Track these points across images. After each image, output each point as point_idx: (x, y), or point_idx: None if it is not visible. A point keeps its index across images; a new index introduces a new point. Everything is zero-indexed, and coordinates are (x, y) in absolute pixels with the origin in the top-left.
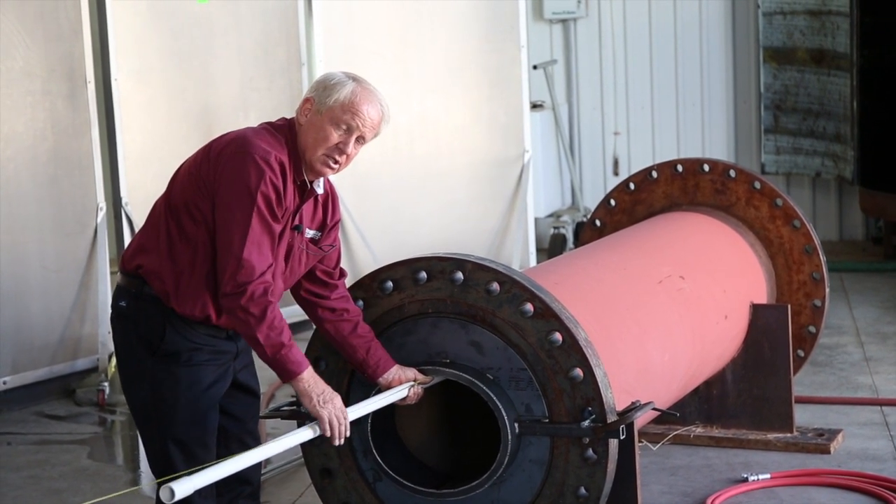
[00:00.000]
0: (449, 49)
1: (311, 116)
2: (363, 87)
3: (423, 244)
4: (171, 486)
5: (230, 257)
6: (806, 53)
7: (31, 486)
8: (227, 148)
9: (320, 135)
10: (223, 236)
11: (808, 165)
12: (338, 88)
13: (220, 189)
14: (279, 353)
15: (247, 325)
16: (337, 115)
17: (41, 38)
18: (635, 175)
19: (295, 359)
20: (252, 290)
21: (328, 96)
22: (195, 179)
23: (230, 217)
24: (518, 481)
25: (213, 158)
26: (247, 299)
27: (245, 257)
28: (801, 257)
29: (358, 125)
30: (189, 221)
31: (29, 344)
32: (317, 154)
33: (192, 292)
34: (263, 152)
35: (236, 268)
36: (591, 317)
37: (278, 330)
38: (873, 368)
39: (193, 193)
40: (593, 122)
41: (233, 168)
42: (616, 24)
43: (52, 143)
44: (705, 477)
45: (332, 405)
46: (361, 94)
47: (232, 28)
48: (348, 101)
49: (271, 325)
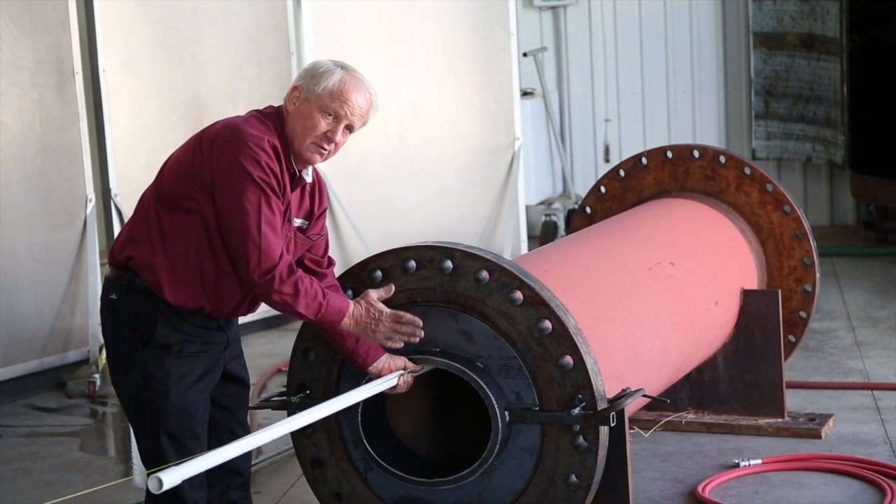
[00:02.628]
0: (438, 37)
1: (299, 104)
2: (351, 74)
3: (414, 232)
4: (158, 475)
5: (250, 247)
6: (796, 38)
7: (23, 478)
8: (218, 138)
9: (308, 123)
10: (237, 227)
11: (798, 151)
12: (326, 76)
13: (221, 180)
14: (320, 313)
15: (285, 304)
16: (325, 104)
17: (28, 29)
18: (625, 162)
19: (335, 309)
20: (279, 272)
21: (316, 84)
22: (187, 170)
23: (239, 207)
24: (509, 469)
25: (205, 149)
26: (279, 283)
27: (264, 244)
28: (791, 242)
29: (346, 113)
30: (181, 212)
31: (19, 336)
32: (305, 143)
33: (185, 283)
34: (256, 139)
35: (258, 256)
36: (581, 304)
37: (312, 295)
38: (864, 353)
39: (186, 184)
40: (584, 110)
41: (229, 158)
42: (606, 10)
43: (41, 135)
44: (697, 463)
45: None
46: (350, 82)
47: (220, 18)
48: (336, 90)
49: (306, 294)
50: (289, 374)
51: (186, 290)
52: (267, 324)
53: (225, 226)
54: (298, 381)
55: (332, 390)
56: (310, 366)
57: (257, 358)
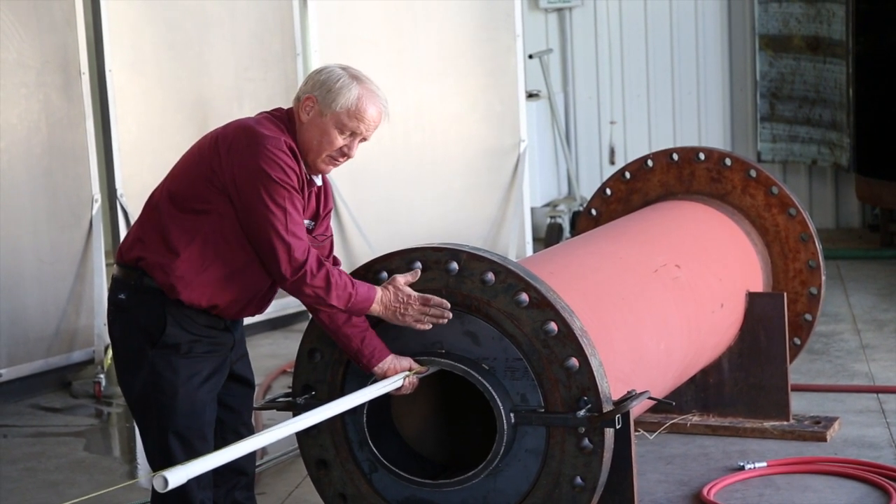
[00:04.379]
0: (444, 38)
1: (313, 116)
2: (367, 88)
3: (418, 234)
4: (163, 474)
5: (278, 246)
6: (802, 41)
7: (28, 478)
8: (237, 142)
9: (325, 138)
10: (263, 230)
11: (804, 153)
12: (343, 92)
13: (242, 184)
14: (350, 302)
15: (318, 298)
16: (342, 121)
17: (35, 29)
18: (631, 164)
19: (364, 296)
20: (309, 267)
21: (333, 100)
22: (203, 172)
23: (264, 210)
24: (514, 471)
25: (223, 152)
26: (311, 277)
27: (291, 241)
28: (797, 245)
29: (363, 129)
30: (195, 213)
31: (25, 336)
32: (321, 156)
33: (200, 283)
34: (273, 140)
35: (288, 253)
36: (586, 306)
37: (342, 286)
38: (870, 356)
39: (200, 186)
40: (589, 112)
41: (249, 161)
42: (612, 12)
43: (47, 135)
44: (702, 465)
45: (410, 308)
46: (366, 98)
47: (226, 18)
48: (354, 108)
49: (336, 285)
50: (294, 375)
51: (201, 290)
52: (272, 325)
53: (251, 228)
54: (304, 382)
55: (337, 391)
56: (315, 367)
57: (262, 359)
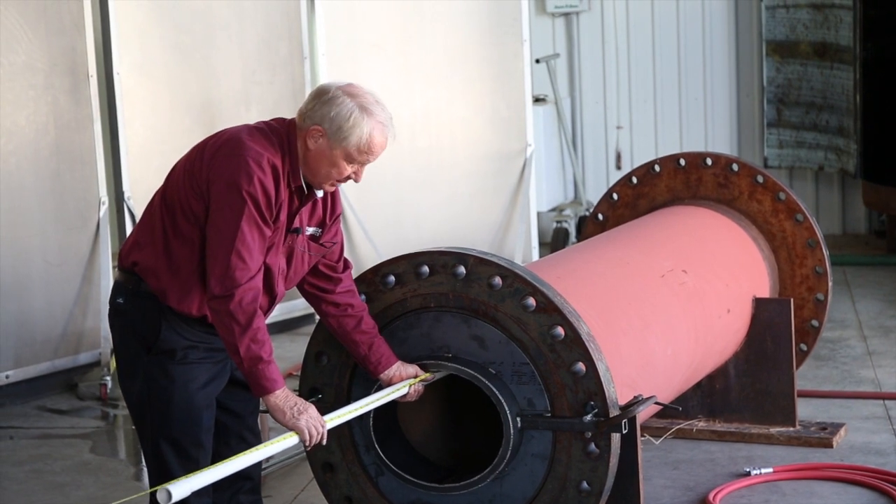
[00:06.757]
0: (451, 42)
1: (321, 144)
2: (376, 120)
3: (425, 238)
4: (167, 487)
5: (219, 259)
6: (809, 47)
7: (34, 480)
8: (220, 150)
9: (333, 169)
10: (213, 238)
11: (811, 159)
12: (353, 130)
13: (213, 190)
14: (256, 367)
15: (230, 331)
16: (352, 155)
17: (43, 32)
18: (638, 169)
19: (271, 376)
20: (241, 295)
21: (343, 138)
22: (189, 178)
23: (220, 219)
24: (520, 475)
25: (206, 159)
26: (235, 304)
27: (234, 260)
28: (803, 251)
29: (372, 159)
30: (183, 220)
31: (31, 338)
32: (329, 181)
33: (189, 290)
34: (256, 154)
35: (224, 271)
36: (593, 311)
37: (260, 343)
38: (876, 362)
39: (186, 193)
40: (596, 116)
41: (225, 170)
42: (619, 17)
43: (55, 138)
44: (708, 471)
45: (307, 415)
46: (375, 131)
47: (234, 21)
48: (365, 144)
49: (254, 337)
50: (301, 378)
51: (190, 297)
52: (278, 328)
53: (209, 232)
54: (311, 385)
55: (344, 395)
56: (322, 370)
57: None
